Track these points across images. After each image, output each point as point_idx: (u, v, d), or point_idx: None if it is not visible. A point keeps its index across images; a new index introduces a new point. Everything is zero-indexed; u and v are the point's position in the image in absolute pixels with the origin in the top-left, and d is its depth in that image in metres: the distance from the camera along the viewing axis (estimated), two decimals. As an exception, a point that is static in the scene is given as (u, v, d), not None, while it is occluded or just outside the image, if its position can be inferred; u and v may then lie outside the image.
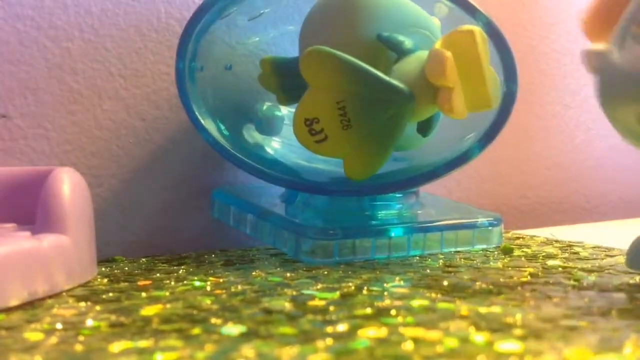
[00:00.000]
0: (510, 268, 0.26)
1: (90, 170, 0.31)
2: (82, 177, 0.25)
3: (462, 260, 0.28)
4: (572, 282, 0.23)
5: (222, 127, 0.31)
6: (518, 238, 0.36)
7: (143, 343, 0.16)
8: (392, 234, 0.28)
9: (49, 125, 0.30)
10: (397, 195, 0.31)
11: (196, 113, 0.29)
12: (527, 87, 0.46)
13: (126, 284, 0.24)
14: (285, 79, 0.31)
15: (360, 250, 0.27)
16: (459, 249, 0.30)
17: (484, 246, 0.31)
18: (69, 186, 0.24)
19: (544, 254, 0.30)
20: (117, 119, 0.32)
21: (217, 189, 0.33)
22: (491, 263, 0.27)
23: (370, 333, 0.16)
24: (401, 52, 0.28)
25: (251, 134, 0.33)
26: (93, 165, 0.31)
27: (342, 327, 0.17)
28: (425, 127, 0.29)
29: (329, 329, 0.17)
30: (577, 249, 0.31)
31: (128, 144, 0.32)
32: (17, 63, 0.30)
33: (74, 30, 0.31)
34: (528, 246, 0.33)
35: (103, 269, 0.27)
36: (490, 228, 0.31)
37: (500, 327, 0.17)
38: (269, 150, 0.33)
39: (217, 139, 0.29)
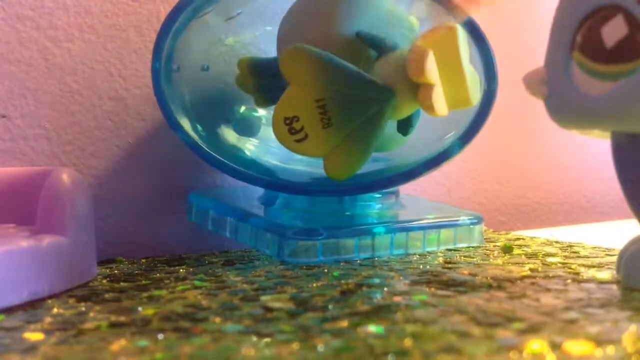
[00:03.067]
0: (510, 264, 0.26)
1: (90, 170, 0.31)
2: (82, 177, 0.25)
3: (462, 257, 0.28)
4: (571, 275, 0.23)
5: (199, 127, 0.30)
6: (518, 239, 0.36)
7: (143, 342, 0.16)
8: (376, 234, 0.28)
9: (49, 125, 0.30)
10: (377, 195, 0.31)
11: (173, 113, 0.29)
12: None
13: (126, 283, 0.24)
14: (263, 80, 0.31)
15: (343, 251, 0.27)
16: (441, 248, 0.30)
17: (466, 245, 0.31)
18: (69, 186, 0.24)
19: (544, 252, 0.30)
20: (117, 119, 0.32)
21: (194, 192, 0.32)
22: (491, 260, 0.27)
23: (370, 329, 0.16)
24: (381, 50, 0.27)
25: (228, 135, 0.33)
26: (93, 165, 0.31)
27: (341, 324, 0.17)
28: (405, 126, 0.29)
29: (329, 326, 0.17)
30: (577, 249, 0.31)
31: (128, 144, 0.32)
32: (17, 63, 0.30)
33: (74, 30, 0.31)
34: (528, 246, 0.33)
35: (103, 269, 0.27)
36: (471, 226, 0.31)
37: (500, 321, 0.17)
38: (246, 151, 0.33)
39: (195, 139, 0.29)
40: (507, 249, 0.31)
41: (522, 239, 0.36)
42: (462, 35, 0.26)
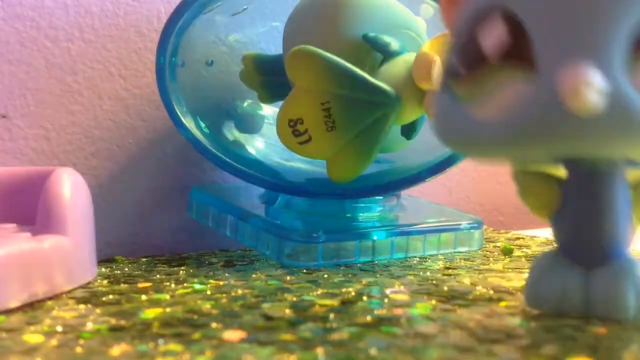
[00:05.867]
0: (510, 270, 0.26)
1: (90, 170, 0.31)
2: (82, 177, 0.25)
3: (462, 261, 0.28)
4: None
5: (203, 124, 0.30)
6: (518, 238, 0.36)
7: (143, 347, 0.16)
8: (375, 237, 0.28)
9: (49, 125, 0.30)
10: (378, 197, 0.31)
11: (176, 110, 0.28)
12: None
13: (126, 285, 0.24)
14: (267, 76, 0.31)
15: (343, 254, 0.27)
16: (442, 251, 0.30)
17: (466, 249, 0.31)
18: (69, 186, 0.24)
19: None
20: (117, 119, 0.32)
21: (195, 187, 0.32)
22: (491, 264, 0.27)
23: (371, 342, 0.16)
24: (387, 54, 0.27)
25: (232, 132, 0.33)
26: (93, 165, 0.31)
27: (342, 335, 0.17)
28: (409, 130, 0.29)
29: (329, 337, 0.17)
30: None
31: (128, 144, 0.32)
32: (17, 63, 0.30)
33: (74, 30, 0.31)
34: (528, 246, 0.33)
35: (103, 269, 0.27)
36: (471, 231, 0.31)
37: (500, 337, 0.17)
38: (249, 149, 0.33)
39: (198, 136, 0.29)
40: (507, 251, 0.31)
41: (522, 238, 0.36)
42: None
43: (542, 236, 0.36)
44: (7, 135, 0.30)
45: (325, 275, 0.25)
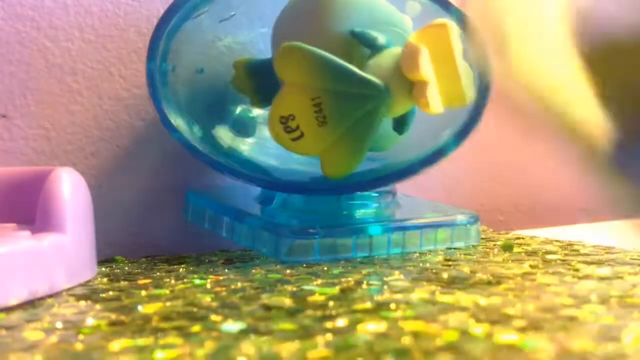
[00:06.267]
0: (510, 261, 0.26)
1: (90, 170, 0.31)
2: (82, 177, 0.25)
3: (462, 255, 0.28)
4: (571, 272, 0.23)
5: (195, 128, 0.30)
6: (518, 238, 0.36)
7: (143, 341, 0.16)
8: (372, 233, 0.28)
9: (49, 125, 0.31)
10: (374, 194, 0.31)
11: (167, 113, 0.28)
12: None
13: (126, 282, 0.24)
14: (260, 81, 0.31)
15: (340, 249, 0.27)
16: (438, 247, 0.30)
17: (463, 243, 0.31)
18: (69, 186, 0.24)
19: (544, 250, 0.30)
20: (117, 119, 0.32)
21: (190, 191, 0.32)
22: (491, 257, 0.27)
23: (370, 327, 0.16)
24: (375, 48, 0.27)
25: (225, 136, 0.33)
26: (93, 165, 0.31)
27: (341, 322, 0.17)
28: (401, 125, 0.29)
29: (329, 324, 0.17)
30: (577, 247, 0.31)
31: (128, 144, 0.32)
32: (17, 63, 0.30)
33: (74, 30, 0.31)
34: (528, 245, 0.33)
35: (103, 269, 0.27)
36: (468, 226, 0.31)
37: (500, 319, 0.17)
38: (243, 151, 0.33)
39: (189, 139, 0.29)
40: (507, 247, 0.31)
41: (522, 238, 0.36)
42: (455, 32, 0.26)
43: (542, 236, 0.36)
44: (7, 135, 0.30)
45: (325, 268, 0.25)
